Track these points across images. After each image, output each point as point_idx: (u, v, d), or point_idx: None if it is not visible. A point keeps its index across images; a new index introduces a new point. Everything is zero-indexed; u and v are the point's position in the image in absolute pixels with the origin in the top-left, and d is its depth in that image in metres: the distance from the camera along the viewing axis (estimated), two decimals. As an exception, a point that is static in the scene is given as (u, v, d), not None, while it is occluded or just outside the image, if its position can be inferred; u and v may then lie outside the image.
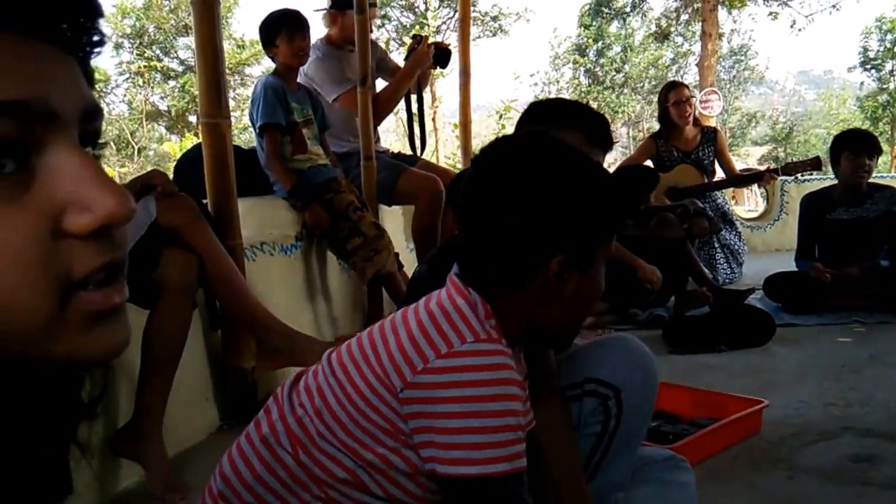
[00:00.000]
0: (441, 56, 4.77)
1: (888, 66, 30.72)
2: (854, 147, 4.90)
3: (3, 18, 0.55)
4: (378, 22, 24.14)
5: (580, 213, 1.25)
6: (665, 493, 1.77)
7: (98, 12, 0.62)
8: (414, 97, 5.00)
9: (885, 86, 30.79)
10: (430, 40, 4.86)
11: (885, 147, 32.28)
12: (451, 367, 1.16)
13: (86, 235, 0.56)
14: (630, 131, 32.91)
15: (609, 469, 1.69)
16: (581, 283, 1.28)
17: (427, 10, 27.69)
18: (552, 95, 31.42)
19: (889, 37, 30.41)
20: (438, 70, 4.85)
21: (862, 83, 32.89)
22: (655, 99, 6.68)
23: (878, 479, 2.25)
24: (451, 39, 18.43)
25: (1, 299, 0.54)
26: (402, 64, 4.86)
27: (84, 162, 0.57)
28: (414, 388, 1.17)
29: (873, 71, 31.12)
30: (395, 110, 5.04)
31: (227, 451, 1.34)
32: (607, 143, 1.88)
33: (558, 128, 1.81)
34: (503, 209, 1.25)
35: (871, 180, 5.05)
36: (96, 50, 0.63)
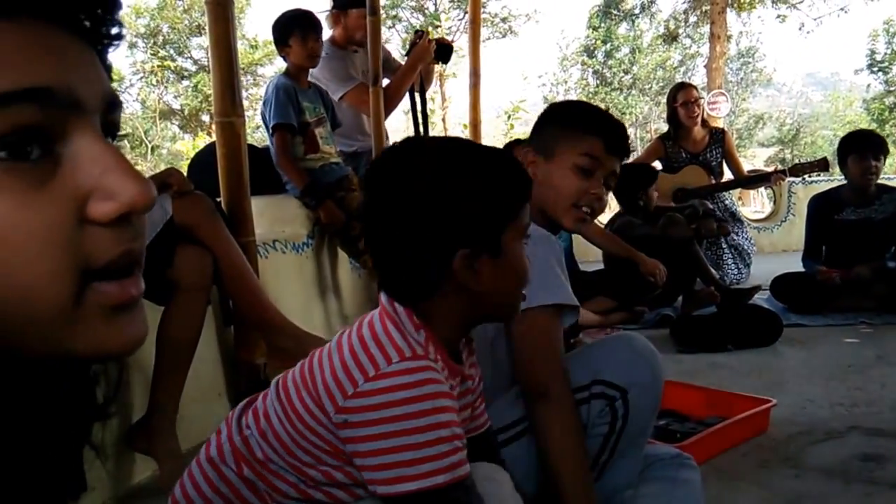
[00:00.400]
0: (443, 51, 4.80)
1: (895, 69, 30.69)
2: (860, 149, 4.90)
3: (26, 3, 0.56)
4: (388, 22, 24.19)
5: (463, 205, 1.24)
6: (671, 490, 1.78)
7: (116, 4, 0.63)
8: (417, 95, 5.03)
9: (891, 88, 30.79)
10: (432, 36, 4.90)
11: (891, 149, 32.28)
12: (378, 389, 1.17)
13: (108, 223, 0.57)
14: (638, 132, 32.85)
15: (617, 468, 1.71)
16: (497, 268, 1.28)
17: (437, 11, 27.71)
18: (560, 96, 31.41)
19: (896, 40, 30.40)
20: (449, 71, 4.90)
21: (869, 85, 32.90)
22: (663, 100, 6.71)
23: (885, 478, 2.25)
24: (462, 41, 18.41)
25: (24, 284, 0.55)
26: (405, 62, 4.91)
27: (107, 150, 0.59)
28: (345, 413, 1.18)
29: (880, 73, 31.12)
30: (405, 110, 5.06)
31: (179, 479, 1.36)
32: (625, 152, 1.91)
33: (579, 133, 1.85)
34: (390, 223, 1.26)
35: (879, 181, 5.05)
36: (114, 43, 0.64)
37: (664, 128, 6.76)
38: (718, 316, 4.27)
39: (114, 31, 0.64)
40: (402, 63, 4.95)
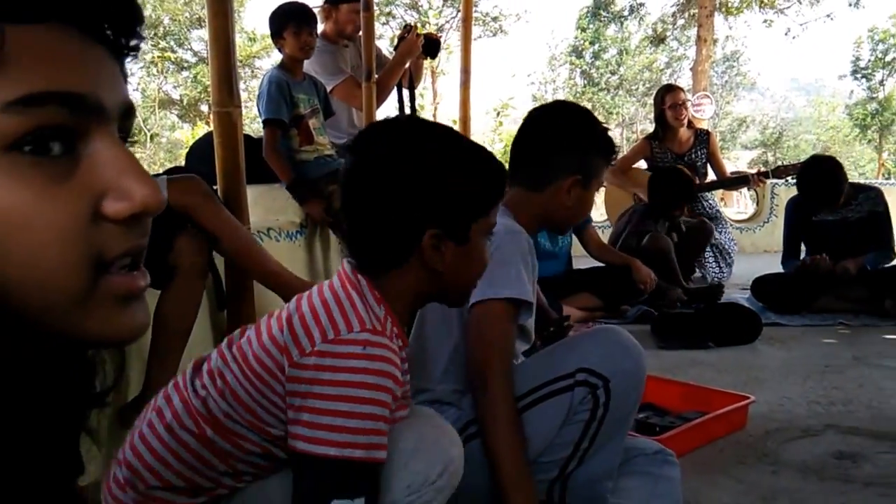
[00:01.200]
0: (430, 46, 4.84)
1: (878, 76, 30.85)
2: (808, 200, 5.03)
3: (61, 9, 0.61)
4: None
5: (444, 188, 1.32)
6: (653, 485, 1.83)
7: (140, 18, 0.68)
8: (406, 91, 5.06)
9: (874, 95, 30.93)
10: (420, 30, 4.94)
11: (872, 154, 32.49)
12: (334, 352, 1.22)
13: (120, 221, 0.62)
14: (624, 133, 32.89)
15: (597, 456, 1.74)
16: (459, 255, 1.36)
17: (429, 8, 27.69)
18: (548, 95, 31.44)
19: (880, 47, 30.52)
20: (440, 68, 4.94)
21: (852, 91, 33.03)
22: (649, 101, 6.79)
23: (859, 476, 2.29)
24: (454, 39, 18.37)
25: (42, 269, 0.59)
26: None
27: (124, 154, 0.64)
28: (297, 369, 1.23)
29: (863, 80, 31.24)
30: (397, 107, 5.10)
31: (128, 440, 1.38)
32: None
33: (608, 162, 1.98)
34: (373, 189, 1.32)
35: (855, 181, 5.13)
36: (133, 53, 0.69)
37: (650, 128, 6.83)
38: (699, 313, 4.32)
39: (133, 42, 0.68)
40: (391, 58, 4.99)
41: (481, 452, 1.65)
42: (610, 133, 2.00)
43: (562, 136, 1.95)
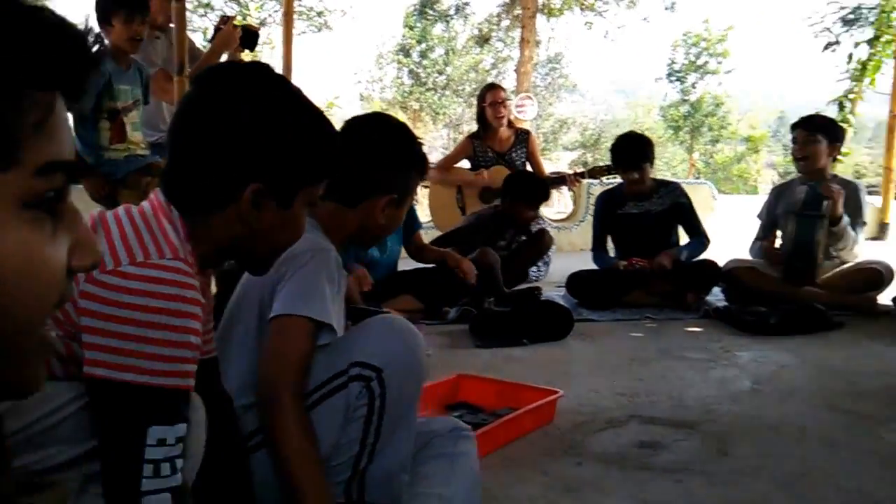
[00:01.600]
0: (249, 38, 4.71)
1: (690, 79, 32.56)
2: (617, 165, 5.41)
3: (60, 79, 0.65)
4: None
5: (278, 145, 1.30)
6: (450, 466, 1.81)
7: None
8: None
9: (686, 97, 32.64)
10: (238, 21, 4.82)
11: (684, 155, 34.12)
12: (142, 276, 1.16)
13: (75, 272, 0.68)
14: (450, 133, 33.32)
15: (387, 450, 1.69)
16: (277, 218, 1.34)
17: (251, 1, 27.12)
18: (376, 94, 31.45)
19: (693, 50, 32.27)
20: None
21: (666, 94, 34.72)
22: (475, 102, 6.91)
23: (658, 464, 2.38)
24: (277, 33, 18.04)
25: (40, 316, 0.66)
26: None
27: (78, 213, 0.69)
28: (94, 285, 1.15)
29: (677, 82, 32.91)
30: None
31: None
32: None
33: (411, 174, 1.99)
34: (207, 126, 1.29)
35: (657, 177, 5.49)
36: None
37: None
38: (515, 312, 4.40)
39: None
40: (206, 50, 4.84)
41: (269, 463, 1.61)
42: (437, 134, 2.01)
43: (380, 155, 1.94)
